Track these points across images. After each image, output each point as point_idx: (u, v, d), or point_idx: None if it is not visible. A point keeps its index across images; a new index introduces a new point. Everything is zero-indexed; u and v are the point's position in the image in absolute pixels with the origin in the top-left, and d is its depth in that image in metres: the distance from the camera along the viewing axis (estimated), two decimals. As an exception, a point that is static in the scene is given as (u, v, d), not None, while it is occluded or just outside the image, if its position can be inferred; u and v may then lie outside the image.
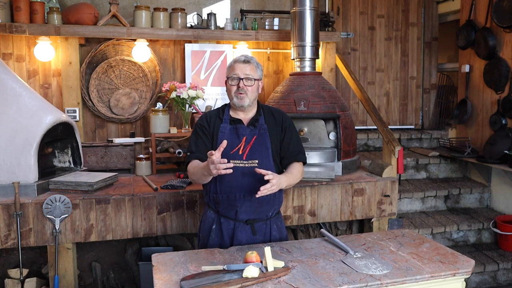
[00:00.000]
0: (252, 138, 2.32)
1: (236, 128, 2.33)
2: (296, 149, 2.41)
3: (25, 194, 3.06)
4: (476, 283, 3.86)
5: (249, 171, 2.27)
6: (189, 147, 2.37)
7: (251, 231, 2.34)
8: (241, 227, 2.34)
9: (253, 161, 2.29)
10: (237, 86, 2.28)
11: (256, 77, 2.31)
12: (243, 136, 2.32)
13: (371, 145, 5.30)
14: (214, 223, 2.37)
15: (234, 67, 2.30)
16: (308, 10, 3.81)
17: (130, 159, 3.91)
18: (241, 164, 2.28)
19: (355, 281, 1.84)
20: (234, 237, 2.33)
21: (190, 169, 2.29)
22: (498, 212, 4.48)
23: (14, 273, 3.17)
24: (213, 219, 2.38)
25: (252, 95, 2.30)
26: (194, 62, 4.25)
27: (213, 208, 2.38)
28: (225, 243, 2.33)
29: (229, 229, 2.34)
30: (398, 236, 2.40)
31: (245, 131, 2.33)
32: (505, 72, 4.26)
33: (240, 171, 2.26)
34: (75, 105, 4.01)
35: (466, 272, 1.98)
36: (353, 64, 5.44)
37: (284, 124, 2.40)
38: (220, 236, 2.35)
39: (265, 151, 2.33)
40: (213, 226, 2.37)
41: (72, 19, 3.87)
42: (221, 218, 2.36)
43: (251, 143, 2.32)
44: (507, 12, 4.14)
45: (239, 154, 2.29)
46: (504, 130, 4.24)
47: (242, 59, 2.30)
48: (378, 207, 3.59)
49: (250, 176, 2.26)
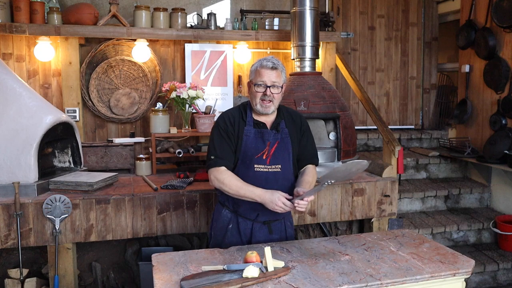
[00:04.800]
0: (275, 142, 2.32)
1: (261, 132, 2.30)
2: (312, 152, 2.45)
3: (25, 194, 3.06)
4: (476, 283, 3.86)
5: (272, 176, 2.28)
6: (212, 149, 2.27)
7: (268, 230, 2.38)
8: (259, 227, 2.37)
9: (276, 166, 2.30)
10: (263, 93, 2.24)
11: (282, 84, 2.29)
12: (267, 141, 2.30)
13: (371, 145, 5.30)
14: (230, 222, 2.37)
15: (261, 73, 2.24)
16: (308, 10, 3.81)
17: (130, 159, 3.91)
18: (264, 169, 2.28)
19: (355, 281, 1.85)
20: (252, 237, 2.36)
21: (222, 178, 2.21)
22: (498, 212, 4.48)
23: (14, 273, 3.17)
24: (229, 218, 2.37)
25: (277, 102, 2.31)
26: (194, 62, 4.25)
27: (230, 208, 2.37)
28: (242, 242, 2.35)
29: (247, 229, 2.36)
30: (398, 236, 2.40)
31: (270, 135, 2.31)
32: (505, 72, 4.26)
33: (264, 176, 2.27)
34: (75, 105, 4.01)
35: (466, 272, 1.98)
36: (353, 64, 5.44)
37: (303, 127, 2.42)
38: (237, 235, 2.37)
39: (287, 156, 2.33)
40: (229, 226, 2.37)
41: (72, 19, 3.87)
42: (238, 218, 2.36)
43: (274, 147, 2.31)
44: (507, 12, 4.14)
45: (263, 159, 2.28)
46: (504, 130, 4.24)
47: (270, 66, 2.23)
48: (378, 207, 3.59)
49: (272, 181, 2.28)
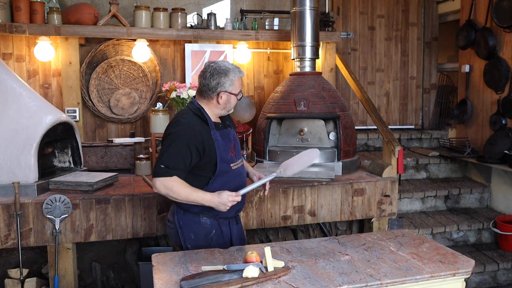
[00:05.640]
0: (234, 138, 2.42)
1: (226, 133, 2.35)
2: None
3: (25, 194, 3.06)
4: (476, 283, 3.86)
5: (238, 170, 2.39)
6: (165, 158, 2.17)
7: (236, 221, 2.47)
8: (233, 222, 2.45)
9: (239, 160, 2.42)
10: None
11: None
12: (233, 139, 2.39)
13: (371, 145, 5.30)
14: (212, 228, 2.34)
15: (239, 83, 2.32)
16: (308, 10, 3.81)
17: (130, 159, 3.91)
18: (237, 166, 2.37)
19: (355, 281, 1.85)
20: (231, 235, 2.41)
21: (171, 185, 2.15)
22: (498, 212, 4.48)
23: (14, 273, 3.17)
24: (210, 225, 2.34)
25: None
26: (194, 62, 4.25)
27: (209, 214, 2.32)
28: (226, 245, 2.35)
29: (227, 229, 2.40)
30: (398, 236, 2.40)
31: (230, 133, 2.39)
32: (505, 72, 4.26)
33: (236, 172, 2.36)
34: (75, 105, 4.01)
35: (466, 272, 1.98)
36: (353, 64, 5.44)
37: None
38: (220, 239, 2.37)
39: (239, 147, 2.48)
40: (212, 232, 2.34)
41: (72, 19, 3.87)
42: (219, 220, 2.36)
43: (234, 143, 2.41)
44: (507, 12, 4.14)
45: (232, 156, 2.35)
46: (504, 130, 4.24)
47: (243, 74, 2.34)
48: (378, 207, 3.59)
49: (240, 175, 2.40)
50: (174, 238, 2.40)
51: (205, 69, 2.28)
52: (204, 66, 2.31)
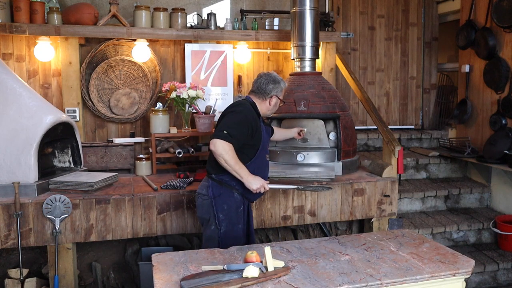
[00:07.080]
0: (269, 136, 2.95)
1: (267, 129, 2.83)
2: None
3: (25, 194, 3.06)
4: (476, 283, 3.86)
5: (268, 162, 2.83)
6: (229, 127, 2.49)
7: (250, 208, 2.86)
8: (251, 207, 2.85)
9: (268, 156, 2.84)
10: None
11: None
12: (269, 135, 2.92)
13: (371, 145, 5.30)
14: (241, 204, 2.66)
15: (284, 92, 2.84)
16: (308, 10, 3.81)
17: (130, 159, 3.91)
18: (267, 157, 2.81)
19: (355, 281, 1.85)
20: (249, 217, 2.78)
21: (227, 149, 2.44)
22: (498, 212, 4.47)
23: (14, 273, 3.17)
24: (240, 200, 2.65)
25: None
26: (194, 62, 4.25)
27: (240, 190, 2.62)
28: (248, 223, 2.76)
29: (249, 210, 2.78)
30: (398, 236, 2.40)
31: (269, 130, 2.96)
32: (505, 72, 4.26)
33: (266, 162, 2.79)
34: (75, 105, 4.01)
35: (466, 272, 1.98)
36: (353, 64, 5.44)
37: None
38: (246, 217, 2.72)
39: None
40: (241, 207, 2.66)
41: (72, 19, 3.87)
42: (244, 200, 2.69)
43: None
44: (507, 12, 4.14)
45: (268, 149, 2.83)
46: (504, 130, 4.23)
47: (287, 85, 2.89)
48: (378, 207, 3.59)
49: (267, 167, 2.83)
50: (205, 209, 2.64)
51: (261, 76, 2.76)
52: (259, 75, 2.77)
